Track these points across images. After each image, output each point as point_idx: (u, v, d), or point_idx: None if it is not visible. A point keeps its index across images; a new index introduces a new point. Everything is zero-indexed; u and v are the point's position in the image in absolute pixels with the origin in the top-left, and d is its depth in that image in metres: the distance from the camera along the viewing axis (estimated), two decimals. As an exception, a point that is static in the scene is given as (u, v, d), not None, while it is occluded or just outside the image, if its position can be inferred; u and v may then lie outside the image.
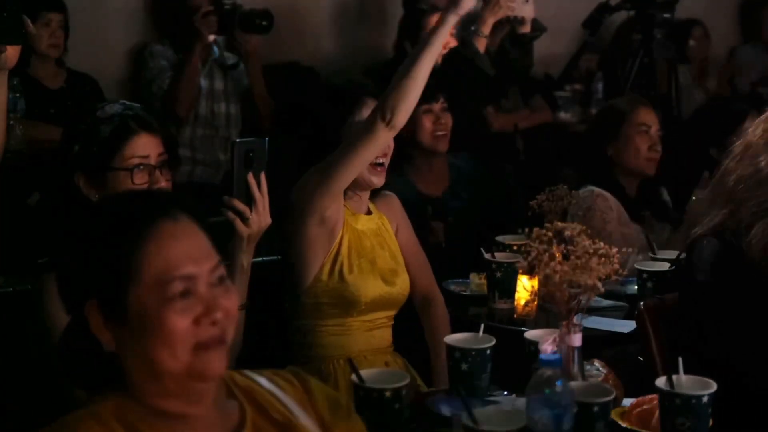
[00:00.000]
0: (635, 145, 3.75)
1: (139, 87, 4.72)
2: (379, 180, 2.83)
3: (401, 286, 2.88)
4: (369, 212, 2.91)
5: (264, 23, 4.57)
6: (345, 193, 2.82)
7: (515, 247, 3.12)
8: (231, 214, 2.33)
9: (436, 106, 3.74)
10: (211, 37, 4.55)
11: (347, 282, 2.76)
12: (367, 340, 2.82)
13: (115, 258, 1.50)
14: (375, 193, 2.94)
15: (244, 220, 2.34)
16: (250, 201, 2.34)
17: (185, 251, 1.53)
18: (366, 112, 2.80)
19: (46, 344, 2.09)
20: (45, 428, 1.49)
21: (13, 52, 2.19)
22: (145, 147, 2.47)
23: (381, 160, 2.82)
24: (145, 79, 4.65)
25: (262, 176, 2.36)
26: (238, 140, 2.39)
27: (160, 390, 1.53)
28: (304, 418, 1.63)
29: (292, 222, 2.73)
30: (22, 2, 2.18)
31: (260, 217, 2.36)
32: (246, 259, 2.39)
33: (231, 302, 1.55)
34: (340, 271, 2.76)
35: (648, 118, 3.81)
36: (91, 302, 1.51)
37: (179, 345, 1.49)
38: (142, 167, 2.45)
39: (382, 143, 2.66)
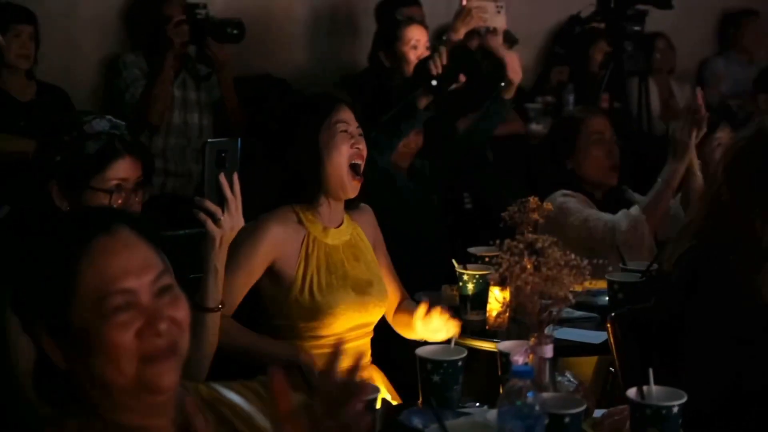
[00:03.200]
0: (593, 155, 3.77)
1: (111, 96, 4.69)
2: (354, 191, 2.84)
3: (376, 296, 2.87)
4: (341, 223, 2.90)
5: (235, 32, 4.58)
6: (318, 202, 2.83)
7: (487, 259, 3.12)
8: (203, 215, 2.31)
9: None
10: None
11: (318, 301, 2.76)
12: (345, 355, 2.79)
13: (55, 277, 1.50)
14: (350, 204, 2.94)
15: (216, 220, 2.33)
16: (222, 201, 2.33)
17: (122, 265, 1.51)
18: (343, 116, 2.83)
19: (9, 362, 2.06)
20: None
21: None
22: (127, 170, 2.48)
23: (357, 161, 2.85)
24: (118, 88, 4.63)
25: (235, 177, 2.35)
26: (210, 140, 2.37)
27: (115, 405, 1.52)
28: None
29: None
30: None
31: (232, 218, 2.34)
32: (219, 261, 2.37)
33: (179, 311, 1.54)
34: (311, 290, 2.76)
35: (600, 126, 3.82)
36: (41, 322, 1.50)
37: (123, 359, 1.48)
38: (120, 190, 2.46)
39: None
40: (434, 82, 3.65)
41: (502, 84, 3.90)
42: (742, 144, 2.47)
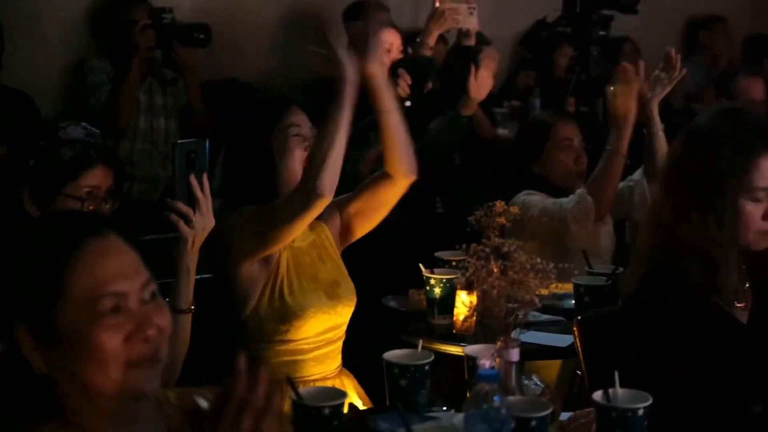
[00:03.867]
0: (560, 160, 3.80)
1: (77, 101, 4.66)
2: None
3: (345, 296, 2.87)
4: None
5: (202, 36, 4.57)
6: None
7: (454, 263, 3.13)
8: (174, 217, 2.31)
9: None
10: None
11: (289, 304, 2.74)
12: (316, 361, 2.80)
13: (43, 277, 1.49)
14: None
15: (188, 222, 2.32)
16: (193, 202, 2.33)
17: (114, 268, 1.51)
18: (294, 119, 2.82)
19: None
20: None
21: None
22: (99, 178, 2.50)
23: None
24: (83, 93, 4.61)
25: (205, 177, 2.35)
26: (179, 141, 2.37)
27: (94, 411, 1.51)
28: None
29: (226, 255, 2.71)
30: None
31: (204, 219, 2.34)
32: (191, 262, 2.36)
33: (164, 319, 1.54)
34: (281, 294, 2.75)
35: (569, 132, 3.85)
36: (21, 324, 1.48)
37: (111, 363, 1.47)
38: (91, 198, 2.46)
39: (318, 212, 2.65)
40: (408, 104, 3.69)
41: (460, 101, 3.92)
42: (672, 154, 2.46)
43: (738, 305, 2.30)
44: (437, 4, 4.27)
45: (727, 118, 2.36)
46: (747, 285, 2.32)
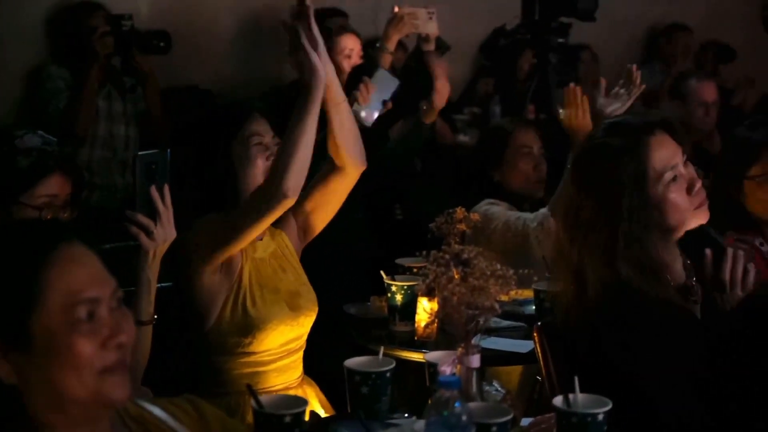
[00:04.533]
0: (520, 168, 3.81)
1: (34, 108, 4.63)
2: None
3: (306, 306, 2.86)
4: (265, 234, 2.85)
5: (161, 44, 4.56)
6: None
7: (415, 270, 3.14)
8: (135, 229, 2.29)
9: None
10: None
11: (251, 316, 2.73)
12: (278, 371, 2.80)
13: (17, 285, 1.48)
14: None
15: (149, 233, 2.31)
16: (154, 214, 2.32)
17: (86, 275, 1.51)
18: (256, 128, 2.80)
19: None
20: None
21: None
22: (57, 187, 2.49)
23: None
24: (42, 99, 4.58)
25: (166, 189, 2.34)
26: (140, 153, 2.37)
27: (62, 419, 1.51)
28: None
29: (186, 266, 2.69)
30: None
31: (165, 230, 2.33)
32: (152, 274, 2.36)
33: (130, 326, 1.55)
34: (243, 306, 2.73)
35: (529, 140, 3.86)
36: None
37: (86, 369, 1.47)
38: (49, 207, 2.44)
39: (281, 213, 2.65)
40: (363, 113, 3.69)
41: (424, 108, 3.93)
42: (576, 174, 2.46)
43: (692, 298, 2.31)
44: (396, 9, 4.27)
45: (611, 129, 2.38)
46: (694, 280, 2.33)
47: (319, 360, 2.92)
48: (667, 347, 2.19)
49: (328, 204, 2.95)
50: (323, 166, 2.93)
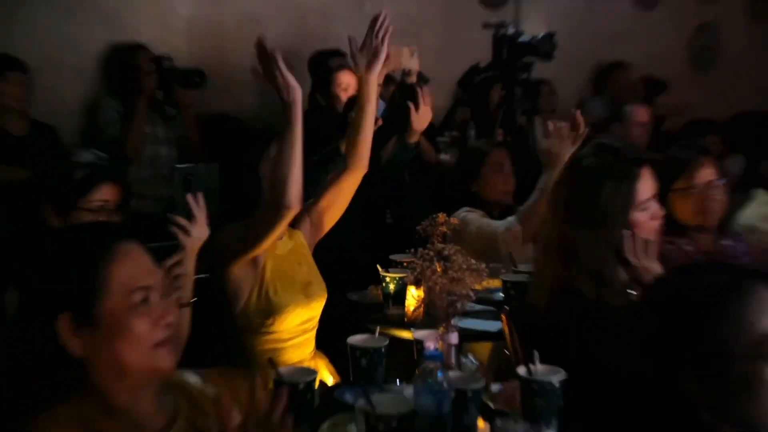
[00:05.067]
0: (493, 181, 3.81)
1: (93, 134, 4.61)
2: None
3: (317, 293, 2.86)
4: (285, 233, 2.85)
5: (198, 80, 4.57)
6: None
7: (405, 264, 3.13)
8: (175, 228, 2.30)
9: None
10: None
11: (273, 302, 2.73)
12: (294, 347, 2.79)
13: (87, 275, 1.48)
14: None
15: (186, 232, 2.32)
16: (190, 217, 2.32)
17: (140, 267, 1.53)
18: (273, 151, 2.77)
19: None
20: None
21: None
22: (107, 194, 2.48)
23: None
24: (98, 127, 4.56)
25: (200, 196, 2.35)
26: (178, 166, 2.37)
27: (120, 386, 1.51)
28: (234, 419, 1.62)
29: (217, 260, 2.67)
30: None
31: (200, 230, 2.34)
32: (190, 264, 2.36)
33: (176, 309, 1.57)
34: (266, 294, 2.73)
35: (501, 158, 3.85)
36: (64, 315, 1.47)
37: (141, 344, 1.49)
38: (102, 211, 2.45)
39: (290, 220, 2.60)
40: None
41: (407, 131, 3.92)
42: (561, 184, 2.42)
43: (631, 292, 2.27)
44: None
45: (605, 152, 2.32)
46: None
47: (328, 337, 2.92)
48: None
49: (337, 202, 2.96)
50: (331, 171, 2.93)
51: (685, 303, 1.42)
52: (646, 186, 2.28)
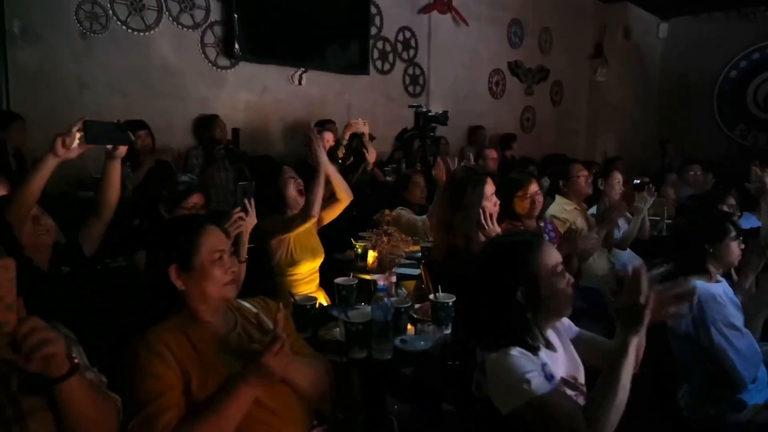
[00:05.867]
0: (416, 193, 3.80)
1: (186, 170, 4.46)
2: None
3: (319, 254, 2.81)
4: None
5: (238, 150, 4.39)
6: (289, 214, 2.74)
7: (367, 237, 3.12)
8: (236, 217, 2.26)
9: None
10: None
11: (295, 258, 2.69)
12: (307, 284, 2.75)
13: (188, 243, 1.45)
14: None
15: (243, 220, 2.27)
16: (246, 211, 2.28)
17: (218, 239, 1.49)
18: (289, 174, 2.77)
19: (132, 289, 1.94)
20: (136, 338, 1.38)
21: (123, 149, 2.06)
22: (197, 199, 2.44)
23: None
24: (189, 165, 4.42)
25: (252, 200, 2.31)
26: (240, 183, 2.34)
27: (204, 307, 1.47)
28: (269, 325, 1.59)
29: (263, 236, 2.64)
30: (126, 125, 2.04)
31: (251, 218, 2.30)
32: (245, 239, 2.32)
33: (237, 264, 1.53)
34: (291, 254, 2.69)
35: (419, 179, 3.84)
36: (174, 265, 1.45)
37: (218, 282, 1.46)
38: (195, 208, 2.40)
39: (313, 220, 2.64)
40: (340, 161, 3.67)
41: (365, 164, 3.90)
42: (443, 187, 2.42)
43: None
44: (349, 120, 4.27)
45: (469, 170, 2.38)
46: None
47: (325, 279, 2.89)
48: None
49: (334, 211, 2.93)
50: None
51: (508, 248, 1.46)
52: (489, 188, 2.32)
